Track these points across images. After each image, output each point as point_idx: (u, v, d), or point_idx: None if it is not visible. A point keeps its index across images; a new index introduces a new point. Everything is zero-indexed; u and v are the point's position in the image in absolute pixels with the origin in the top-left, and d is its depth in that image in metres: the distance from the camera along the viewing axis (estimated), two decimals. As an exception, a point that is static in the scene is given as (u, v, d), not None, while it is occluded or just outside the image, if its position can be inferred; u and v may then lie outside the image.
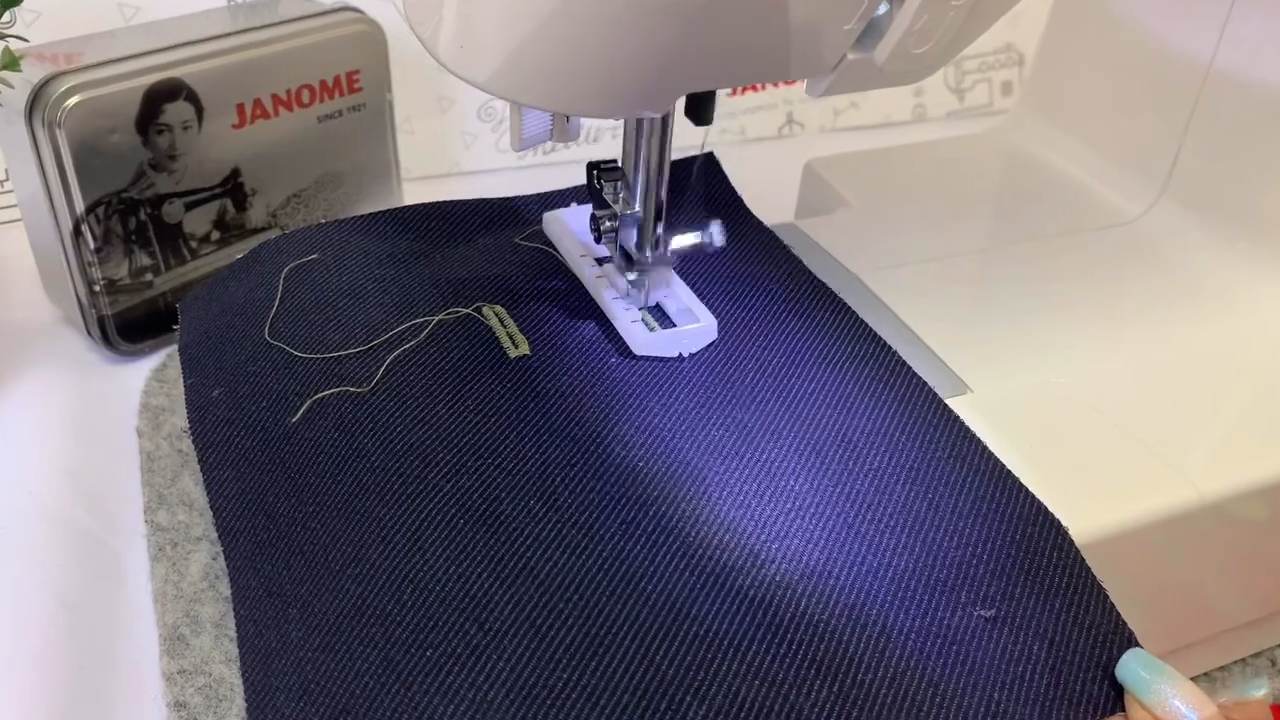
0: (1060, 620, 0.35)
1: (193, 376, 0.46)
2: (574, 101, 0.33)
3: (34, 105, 0.52)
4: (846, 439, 0.40)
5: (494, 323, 0.44)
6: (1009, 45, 0.90)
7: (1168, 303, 0.49)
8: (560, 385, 0.42)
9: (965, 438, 0.40)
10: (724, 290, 0.47)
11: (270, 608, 0.36)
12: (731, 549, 0.36)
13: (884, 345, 0.44)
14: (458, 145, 0.79)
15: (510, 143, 0.42)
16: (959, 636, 0.34)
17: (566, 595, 0.33)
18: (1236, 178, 0.51)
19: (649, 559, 0.35)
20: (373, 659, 0.32)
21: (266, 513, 0.39)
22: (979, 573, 0.36)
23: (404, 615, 0.33)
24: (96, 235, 0.56)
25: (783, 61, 0.33)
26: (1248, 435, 0.43)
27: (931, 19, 0.31)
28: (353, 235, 0.50)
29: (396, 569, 0.34)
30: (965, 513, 0.37)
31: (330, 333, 0.44)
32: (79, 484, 0.52)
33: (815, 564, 0.35)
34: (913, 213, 0.56)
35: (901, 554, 0.36)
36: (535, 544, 0.35)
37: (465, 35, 0.33)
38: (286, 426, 0.41)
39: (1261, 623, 0.47)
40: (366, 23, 0.63)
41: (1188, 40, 0.52)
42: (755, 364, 0.43)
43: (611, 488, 0.37)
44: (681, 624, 0.33)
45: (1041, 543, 0.36)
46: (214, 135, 0.58)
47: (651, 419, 0.41)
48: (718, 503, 0.37)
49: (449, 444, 0.38)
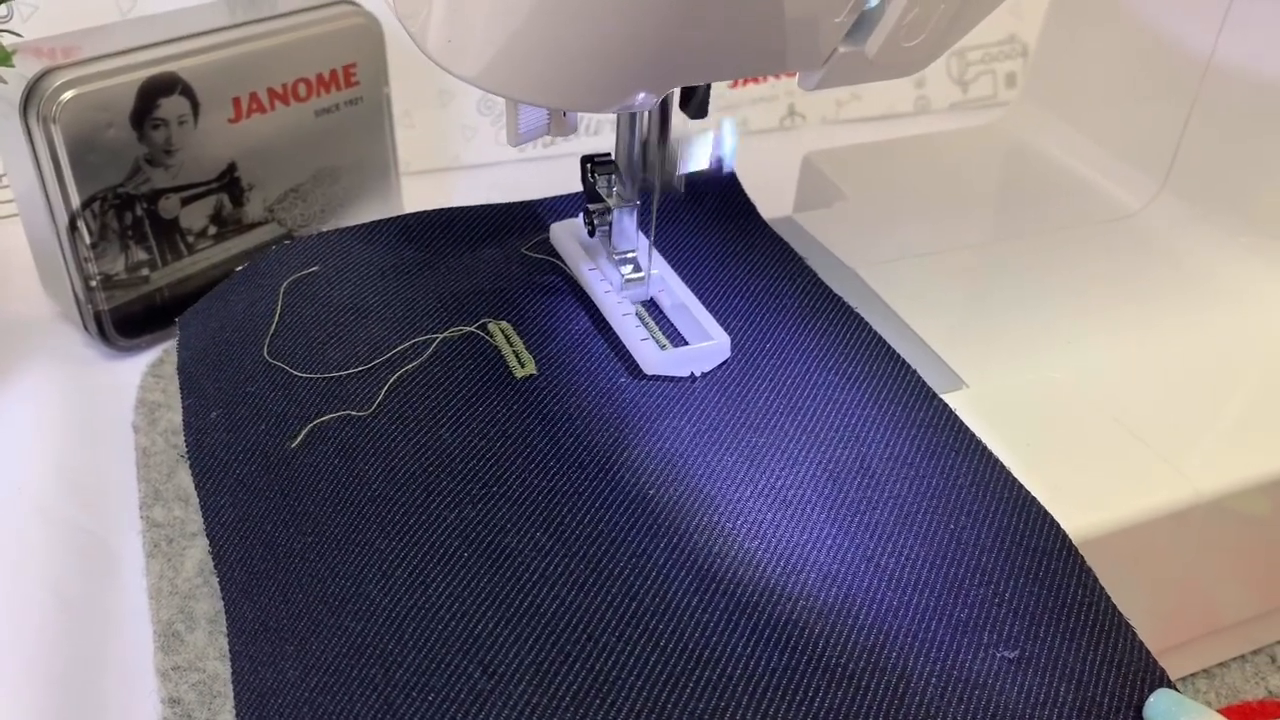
0: (1087, 660, 0.34)
1: (190, 397, 0.45)
2: (564, 96, 0.33)
3: (29, 100, 0.52)
4: (865, 465, 0.39)
5: (500, 340, 0.43)
6: (1013, 36, 0.89)
7: (1168, 298, 0.49)
8: (568, 408, 0.41)
9: (988, 464, 0.39)
10: (736, 306, 0.46)
11: (267, 644, 0.35)
12: (746, 584, 0.35)
13: (902, 363, 0.43)
14: (458, 138, 0.79)
15: (506, 138, 0.41)
16: (982, 680, 0.33)
17: (574, 636, 0.32)
18: (1237, 172, 0.51)
19: (659, 596, 0.34)
20: (372, 702, 0.31)
21: (265, 542, 0.38)
22: (1002, 611, 0.34)
23: (405, 655, 0.32)
24: (93, 230, 0.56)
25: (773, 55, 0.33)
26: (1246, 432, 0.42)
27: (922, 11, 0.31)
28: (355, 245, 0.49)
29: (397, 605, 0.33)
30: (989, 546, 0.36)
31: (331, 350, 0.43)
32: (75, 479, 0.52)
33: (833, 601, 0.34)
34: (911, 206, 0.56)
35: (923, 590, 0.35)
36: (542, 580, 0.34)
37: (454, 30, 0.32)
38: (286, 451, 0.40)
39: (1261, 619, 0.47)
40: (363, 15, 0.62)
41: (1188, 33, 0.51)
42: (769, 384, 0.42)
43: (621, 518, 0.36)
44: (692, 669, 0.32)
45: (1066, 579, 0.35)
46: (210, 130, 0.58)
47: (663, 443, 0.40)
48: (732, 534, 0.36)
49: (453, 471, 0.38)
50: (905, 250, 0.51)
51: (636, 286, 0.45)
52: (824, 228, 0.52)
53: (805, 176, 0.60)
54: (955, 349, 0.45)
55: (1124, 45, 0.55)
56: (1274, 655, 0.47)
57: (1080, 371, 0.44)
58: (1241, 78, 0.50)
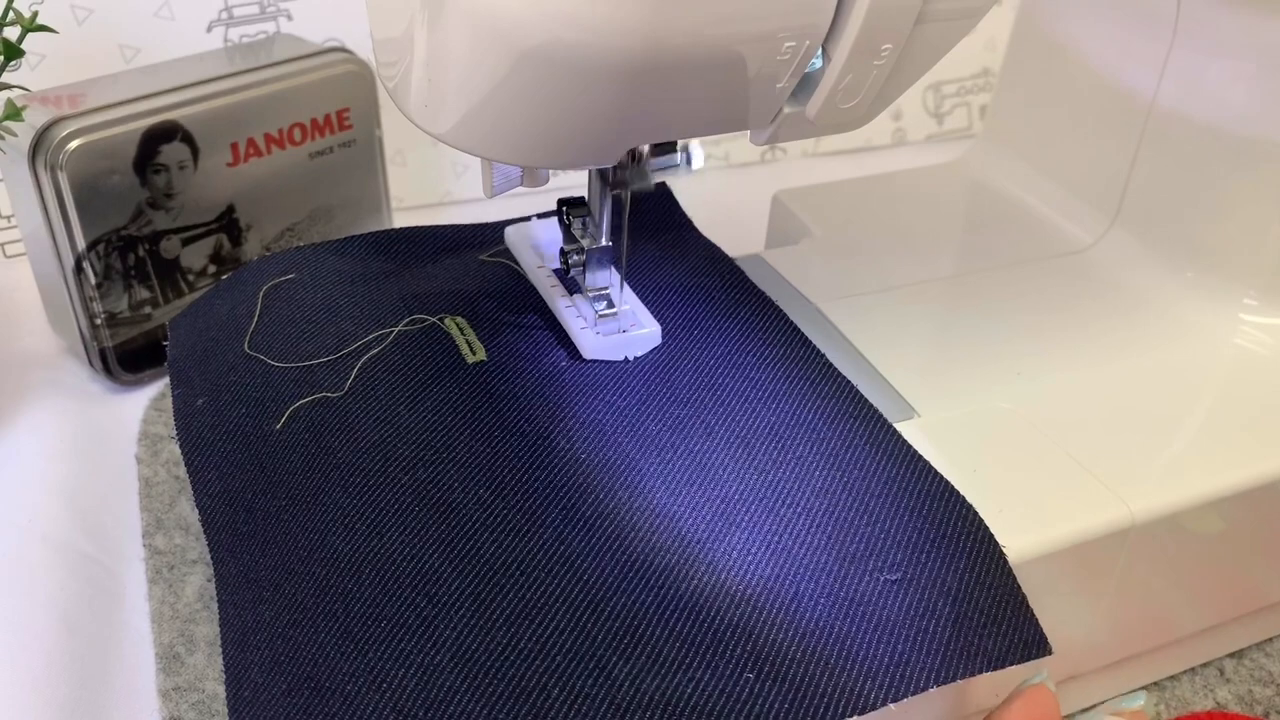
0: (964, 579, 0.38)
1: (180, 387, 0.49)
2: (529, 155, 0.36)
3: (37, 148, 0.55)
4: (774, 431, 0.43)
5: (454, 332, 0.47)
6: (986, 70, 0.92)
7: (1116, 330, 0.51)
8: (513, 387, 0.45)
9: (881, 427, 0.43)
10: (669, 300, 0.50)
11: (248, 591, 0.39)
12: (661, 532, 0.39)
13: (811, 347, 0.48)
14: (449, 175, 0.82)
15: (483, 191, 0.44)
16: (867, 599, 0.37)
17: (509, 572, 0.36)
18: (1181, 209, 0.53)
19: (585, 540, 0.38)
20: (334, 631, 0.35)
21: (245, 507, 0.42)
22: (886, 544, 0.39)
23: (362, 592, 0.36)
24: (97, 271, 0.58)
25: (725, 118, 0.35)
26: (1181, 457, 0.44)
27: (856, 77, 0.34)
28: (329, 256, 0.53)
29: (357, 552, 0.37)
30: (878, 493, 0.41)
31: (304, 344, 0.47)
32: (80, 509, 0.54)
33: (736, 544, 0.38)
34: (875, 243, 0.58)
35: (816, 531, 0.39)
36: (483, 528, 0.38)
37: (429, 95, 0.35)
38: (264, 431, 0.44)
39: (1209, 633, 0.49)
40: (356, 63, 0.65)
41: (1132, 74, 0.54)
42: (694, 365, 0.47)
43: (555, 477, 0.40)
44: (611, 597, 0.36)
45: (947, 515, 0.40)
46: (209, 173, 0.61)
47: (596, 415, 0.44)
48: (651, 491, 0.40)
49: (408, 440, 0.42)
50: (867, 285, 0.54)
51: (609, 321, 0.48)
52: (789, 264, 0.55)
53: (776, 214, 0.62)
54: (908, 379, 0.47)
55: (1075, 86, 0.58)
56: (1222, 668, 0.49)
57: (1028, 400, 0.46)
58: (1182, 121, 0.52)
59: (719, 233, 0.57)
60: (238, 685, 0.36)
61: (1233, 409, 0.47)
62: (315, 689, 0.34)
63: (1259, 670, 0.49)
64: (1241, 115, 0.50)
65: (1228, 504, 0.43)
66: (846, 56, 0.33)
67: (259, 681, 0.35)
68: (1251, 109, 0.50)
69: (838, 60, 0.33)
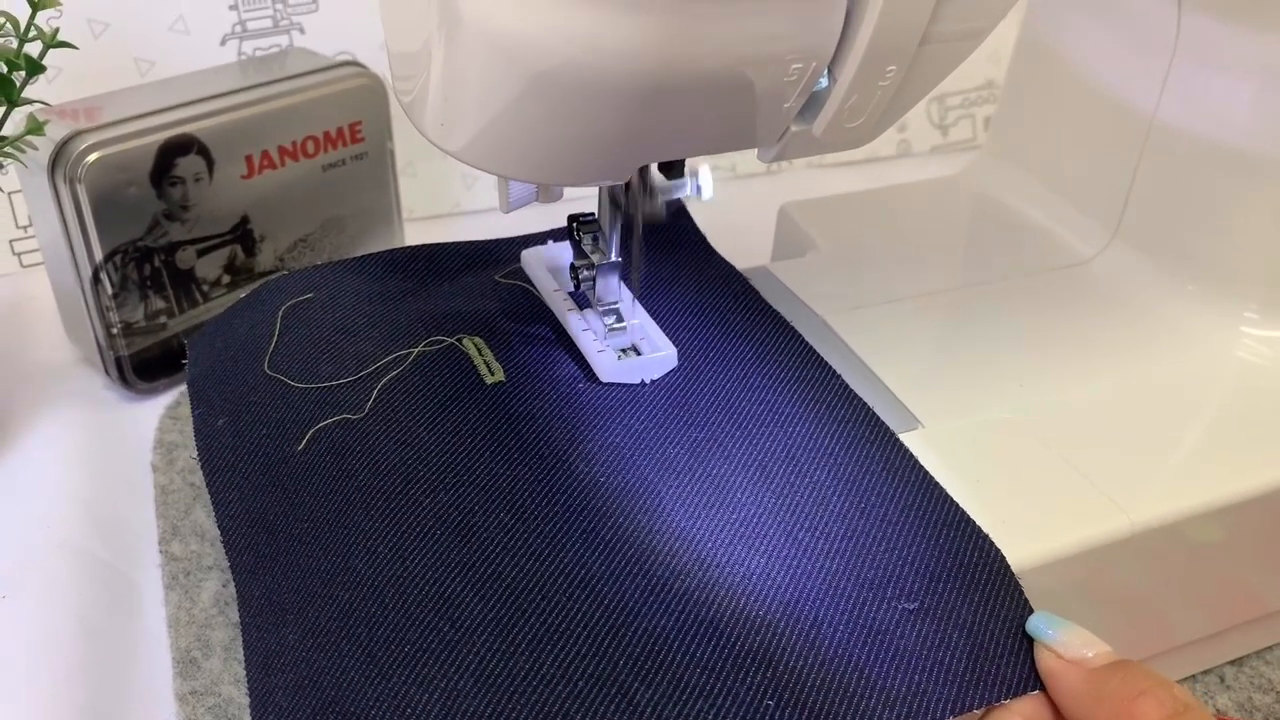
0: (979, 613, 0.38)
1: (200, 407, 0.50)
2: (541, 173, 0.37)
3: (56, 161, 0.56)
4: (791, 454, 0.44)
5: (473, 352, 0.47)
6: (990, 82, 0.93)
7: (1117, 341, 0.52)
8: (531, 409, 0.45)
9: (898, 453, 0.44)
10: (685, 322, 0.51)
11: (271, 614, 0.39)
12: (680, 555, 0.39)
13: (829, 369, 0.48)
14: (459, 186, 0.83)
15: (499, 206, 0.45)
16: (884, 627, 0.37)
17: (530, 596, 0.37)
18: (1182, 222, 0.54)
19: (605, 564, 0.38)
20: (357, 655, 0.36)
21: (267, 529, 0.42)
22: (904, 571, 0.39)
23: (385, 616, 0.36)
24: (114, 282, 0.59)
25: (733, 136, 0.36)
26: (1182, 468, 0.45)
27: (861, 97, 0.35)
28: (346, 276, 0.54)
29: (379, 575, 0.38)
30: (895, 520, 0.41)
31: (323, 365, 0.48)
32: (97, 516, 0.55)
33: (755, 568, 0.39)
34: (880, 255, 0.59)
35: (834, 557, 0.39)
36: (504, 551, 0.38)
37: (446, 114, 0.36)
38: (286, 452, 0.44)
39: (1210, 640, 0.49)
40: (368, 76, 0.66)
41: (1133, 89, 0.55)
42: (710, 388, 0.47)
43: (575, 500, 0.41)
44: (632, 621, 0.36)
45: (963, 544, 0.40)
46: (224, 185, 0.62)
47: (613, 438, 0.44)
48: (669, 514, 0.41)
49: (429, 463, 0.42)
50: (871, 297, 0.54)
51: (619, 335, 0.49)
52: (795, 276, 0.55)
53: (781, 226, 0.63)
54: (912, 391, 0.48)
55: (1077, 100, 0.58)
56: (1223, 675, 0.50)
57: (1031, 411, 0.47)
58: (1183, 135, 0.53)
59: (726, 244, 0.58)
60: (263, 709, 0.36)
61: (1233, 421, 0.48)
62: (340, 714, 0.34)
63: (1259, 678, 0.50)
64: (1241, 130, 0.51)
65: (1228, 514, 0.44)
66: (852, 77, 0.34)
67: (284, 705, 0.36)
68: (1251, 124, 0.50)
69: (843, 81, 0.34)
